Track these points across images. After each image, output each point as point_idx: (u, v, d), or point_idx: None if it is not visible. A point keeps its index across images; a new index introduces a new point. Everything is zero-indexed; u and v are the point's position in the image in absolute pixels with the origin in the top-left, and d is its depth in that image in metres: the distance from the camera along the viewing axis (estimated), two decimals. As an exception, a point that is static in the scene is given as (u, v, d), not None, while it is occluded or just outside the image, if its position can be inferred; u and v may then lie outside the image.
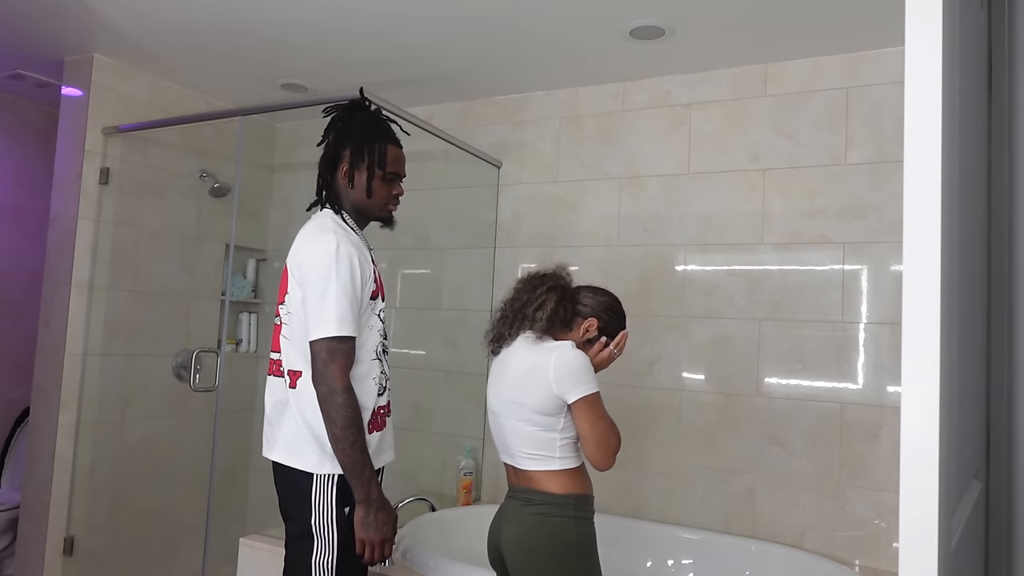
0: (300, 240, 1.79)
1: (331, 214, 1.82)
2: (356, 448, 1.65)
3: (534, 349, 1.72)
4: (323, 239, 1.72)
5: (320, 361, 1.66)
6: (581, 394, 1.64)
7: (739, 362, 2.65)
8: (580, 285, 1.86)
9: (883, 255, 2.47)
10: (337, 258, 1.68)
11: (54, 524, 2.84)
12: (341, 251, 1.69)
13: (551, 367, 1.65)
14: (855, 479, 2.45)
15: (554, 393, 1.64)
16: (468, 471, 2.93)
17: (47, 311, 2.95)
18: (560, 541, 1.66)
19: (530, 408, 1.67)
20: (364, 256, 1.77)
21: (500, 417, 1.75)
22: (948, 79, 0.87)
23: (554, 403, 1.65)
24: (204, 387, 3.08)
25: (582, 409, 1.65)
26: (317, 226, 1.78)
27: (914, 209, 0.83)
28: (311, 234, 1.77)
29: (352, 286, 1.70)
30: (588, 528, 1.71)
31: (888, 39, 2.45)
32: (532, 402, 1.67)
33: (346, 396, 1.65)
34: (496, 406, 1.77)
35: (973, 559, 1.19)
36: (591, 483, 1.76)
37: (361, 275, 1.73)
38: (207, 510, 2.82)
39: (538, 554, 1.66)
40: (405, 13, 2.44)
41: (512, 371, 1.73)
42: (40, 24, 2.67)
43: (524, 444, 1.70)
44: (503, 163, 3.16)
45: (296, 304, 1.75)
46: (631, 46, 2.61)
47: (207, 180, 3.37)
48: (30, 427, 2.96)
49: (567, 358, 1.66)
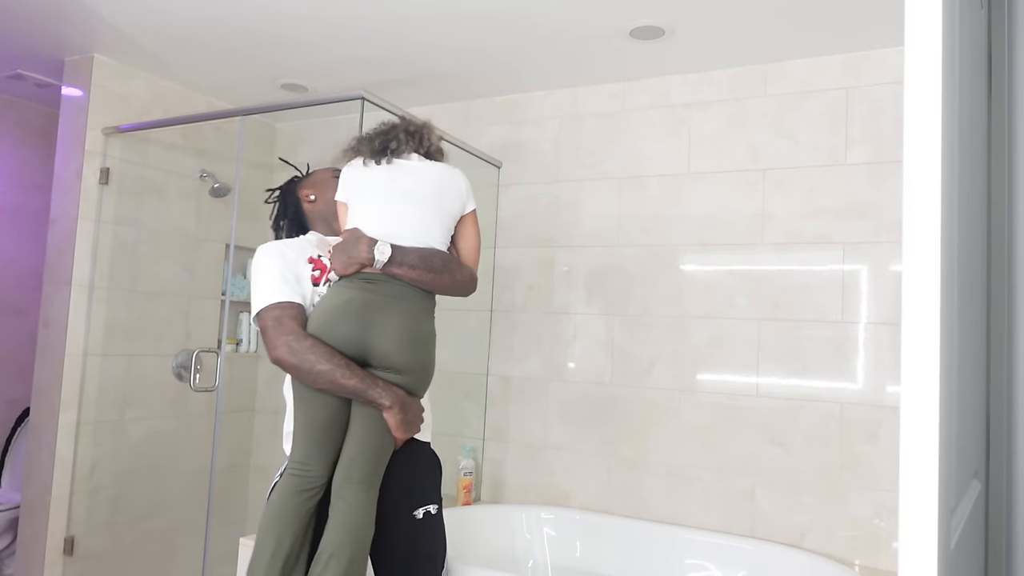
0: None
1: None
2: (343, 378, 1.68)
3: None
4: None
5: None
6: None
7: (739, 362, 2.65)
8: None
9: (883, 255, 2.47)
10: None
11: (54, 524, 2.84)
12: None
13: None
14: (855, 479, 2.45)
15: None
16: (468, 471, 2.93)
17: (47, 311, 2.96)
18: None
19: None
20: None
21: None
22: (948, 79, 0.87)
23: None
24: (204, 387, 3.08)
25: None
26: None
27: (914, 209, 0.83)
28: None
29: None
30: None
31: (888, 39, 2.45)
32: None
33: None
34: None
35: (973, 559, 1.19)
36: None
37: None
38: (207, 510, 2.82)
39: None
40: (405, 13, 2.44)
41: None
42: (40, 24, 2.67)
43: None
44: (503, 163, 3.16)
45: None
46: (631, 46, 2.61)
47: (207, 180, 3.37)
48: (30, 427, 2.96)
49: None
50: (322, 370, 1.65)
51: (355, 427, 1.72)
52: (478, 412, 3.09)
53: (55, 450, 2.85)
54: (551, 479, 2.94)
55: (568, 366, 2.95)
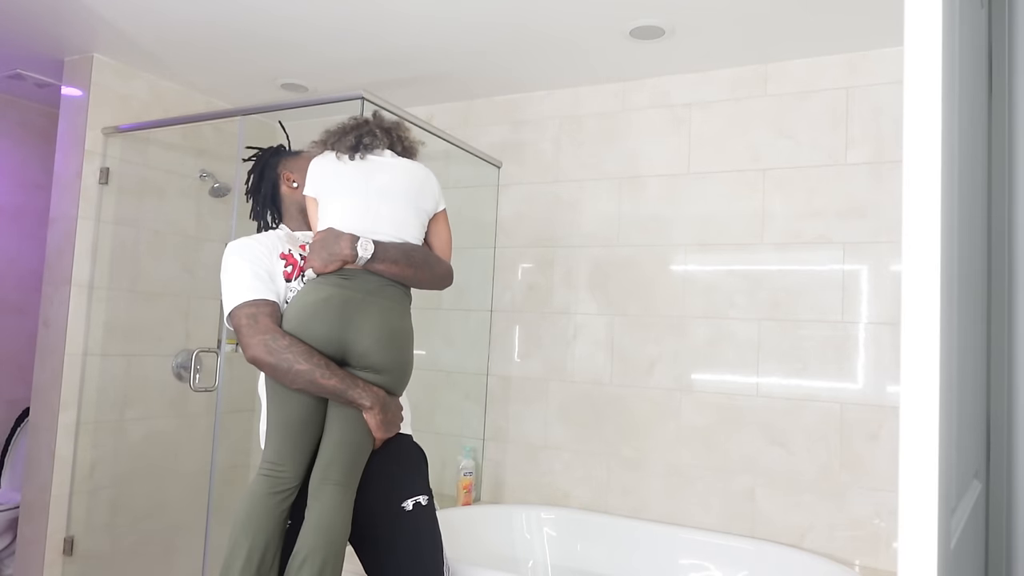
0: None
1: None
2: (320, 377, 1.65)
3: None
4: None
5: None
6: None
7: (739, 362, 2.65)
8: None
9: (883, 255, 2.47)
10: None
11: (54, 524, 2.84)
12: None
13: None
14: (855, 479, 2.45)
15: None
16: (468, 471, 2.93)
17: (47, 311, 2.96)
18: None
19: None
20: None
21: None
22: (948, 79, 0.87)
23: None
24: (204, 387, 3.08)
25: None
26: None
27: (914, 209, 0.83)
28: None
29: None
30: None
31: (888, 39, 2.45)
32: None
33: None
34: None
35: (973, 559, 1.19)
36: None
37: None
38: (207, 510, 2.82)
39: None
40: (405, 13, 2.44)
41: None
42: (40, 24, 2.67)
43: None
44: (503, 163, 3.16)
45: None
46: (631, 46, 2.61)
47: (207, 180, 3.36)
48: (30, 427, 2.96)
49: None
50: (301, 370, 1.61)
51: (332, 427, 1.69)
52: (478, 412, 3.09)
53: (55, 450, 2.85)
54: (551, 479, 2.94)
55: (568, 366, 2.95)
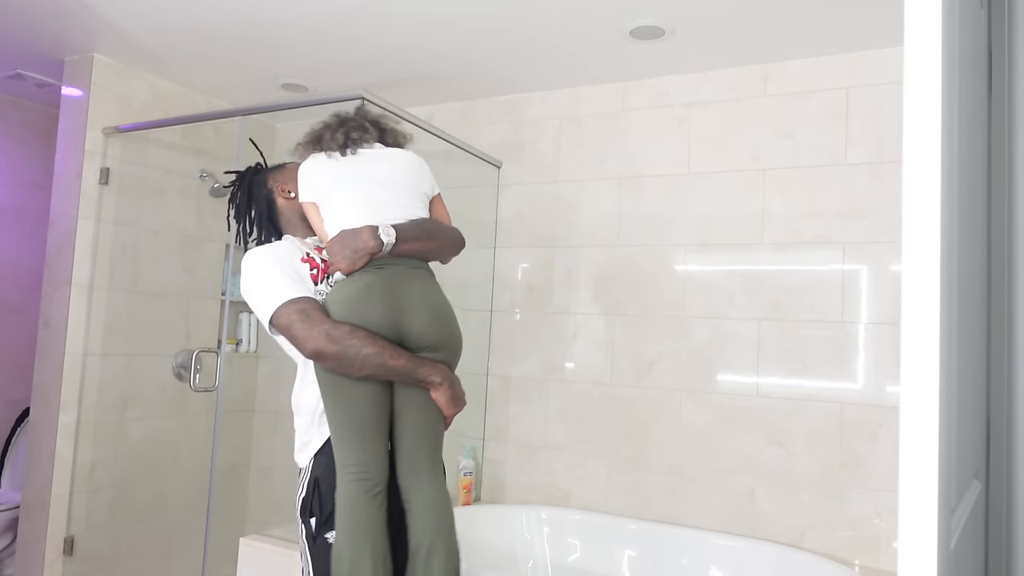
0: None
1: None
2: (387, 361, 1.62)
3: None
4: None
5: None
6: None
7: (739, 362, 2.65)
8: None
9: (883, 255, 2.47)
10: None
11: (54, 524, 2.84)
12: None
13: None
14: (855, 479, 2.45)
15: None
16: (468, 471, 2.93)
17: (47, 311, 2.95)
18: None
19: None
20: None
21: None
22: (948, 79, 0.87)
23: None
24: (204, 387, 3.08)
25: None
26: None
27: (914, 209, 0.83)
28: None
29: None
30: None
31: (888, 39, 2.45)
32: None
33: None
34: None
35: (973, 559, 1.19)
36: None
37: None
38: (207, 510, 2.82)
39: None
40: (405, 13, 2.44)
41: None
42: (40, 24, 2.67)
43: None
44: (503, 163, 3.16)
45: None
46: (631, 46, 2.61)
47: (207, 180, 3.36)
48: (30, 427, 2.96)
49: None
50: (369, 353, 1.56)
51: (406, 413, 1.65)
52: (478, 412, 3.09)
53: (55, 450, 2.85)
54: (551, 479, 2.94)
55: (568, 366, 2.95)
